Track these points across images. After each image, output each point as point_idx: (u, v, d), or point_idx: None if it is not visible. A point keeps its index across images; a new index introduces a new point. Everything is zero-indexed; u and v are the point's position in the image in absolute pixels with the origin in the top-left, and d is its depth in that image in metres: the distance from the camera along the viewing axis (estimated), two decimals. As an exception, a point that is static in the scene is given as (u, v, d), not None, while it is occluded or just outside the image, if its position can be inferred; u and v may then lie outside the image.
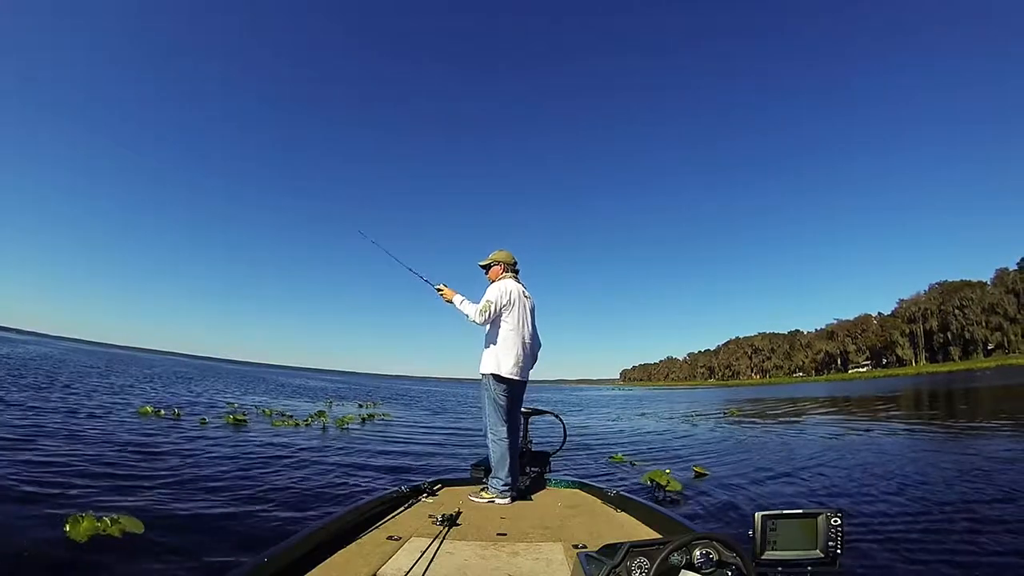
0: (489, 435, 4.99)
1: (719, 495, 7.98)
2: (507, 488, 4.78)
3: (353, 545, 3.37)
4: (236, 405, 20.00)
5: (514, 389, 5.12)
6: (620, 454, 11.62)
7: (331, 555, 3.15)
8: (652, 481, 8.10)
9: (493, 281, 5.29)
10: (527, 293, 5.33)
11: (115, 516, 4.99)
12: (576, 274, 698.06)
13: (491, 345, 5.09)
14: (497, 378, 4.99)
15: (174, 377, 39.46)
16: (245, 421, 14.48)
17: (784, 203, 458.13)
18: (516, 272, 5.42)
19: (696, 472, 9.56)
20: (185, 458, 8.86)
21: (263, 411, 18.59)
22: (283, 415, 17.51)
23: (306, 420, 16.27)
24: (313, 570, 2.93)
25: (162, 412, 14.58)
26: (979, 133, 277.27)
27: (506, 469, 4.81)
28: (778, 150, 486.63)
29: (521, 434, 5.61)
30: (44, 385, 19.02)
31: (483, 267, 5.49)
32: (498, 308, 5.02)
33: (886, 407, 27.80)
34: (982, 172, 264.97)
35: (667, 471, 8.36)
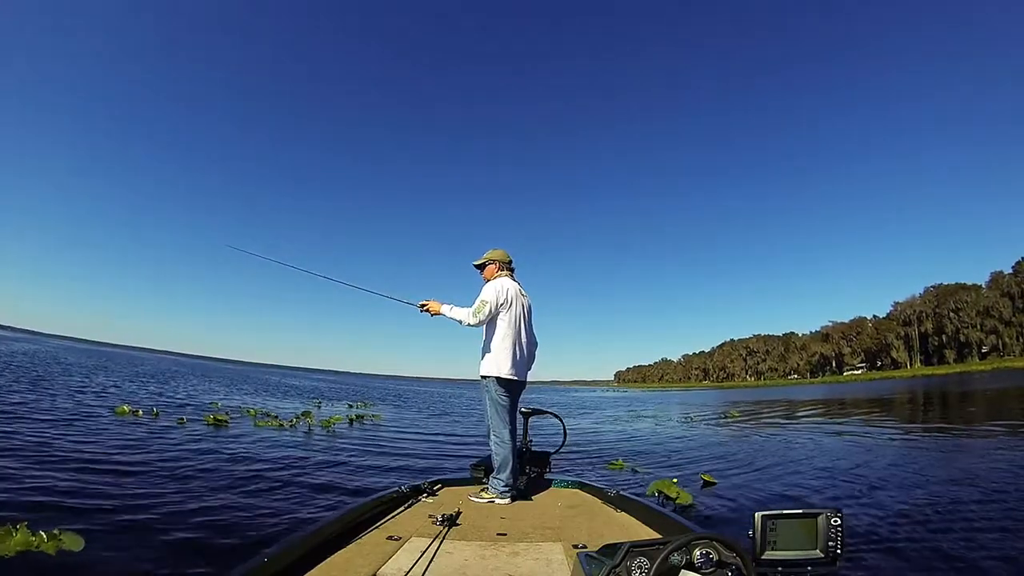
0: (492, 437, 4.99)
1: (733, 506, 7.40)
2: (507, 489, 4.78)
3: (353, 545, 3.37)
4: (220, 404, 19.34)
5: (514, 390, 5.10)
6: (620, 460, 10.99)
7: (331, 555, 3.15)
8: (659, 493, 7.47)
9: (488, 280, 5.22)
10: (524, 292, 5.27)
11: (55, 531, 4.42)
12: (572, 273, 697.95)
13: (490, 347, 5.04)
14: (498, 380, 4.97)
15: (165, 376, 38.77)
16: (226, 422, 13.84)
17: (778, 205, 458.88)
18: (512, 271, 5.35)
19: (704, 480, 8.94)
20: (152, 462, 8.24)
21: (248, 411, 17.93)
22: (268, 415, 16.89)
23: (290, 421, 15.59)
24: (313, 570, 2.92)
25: (139, 412, 13.99)
26: (975, 134, 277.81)
27: (508, 471, 4.81)
28: (774, 151, 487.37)
29: (520, 434, 5.60)
30: (21, 383, 18.36)
31: (477, 266, 5.41)
32: (494, 308, 4.95)
33: (886, 410, 27.37)
34: (978, 174, 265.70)
35: (674, 480, 7.75)
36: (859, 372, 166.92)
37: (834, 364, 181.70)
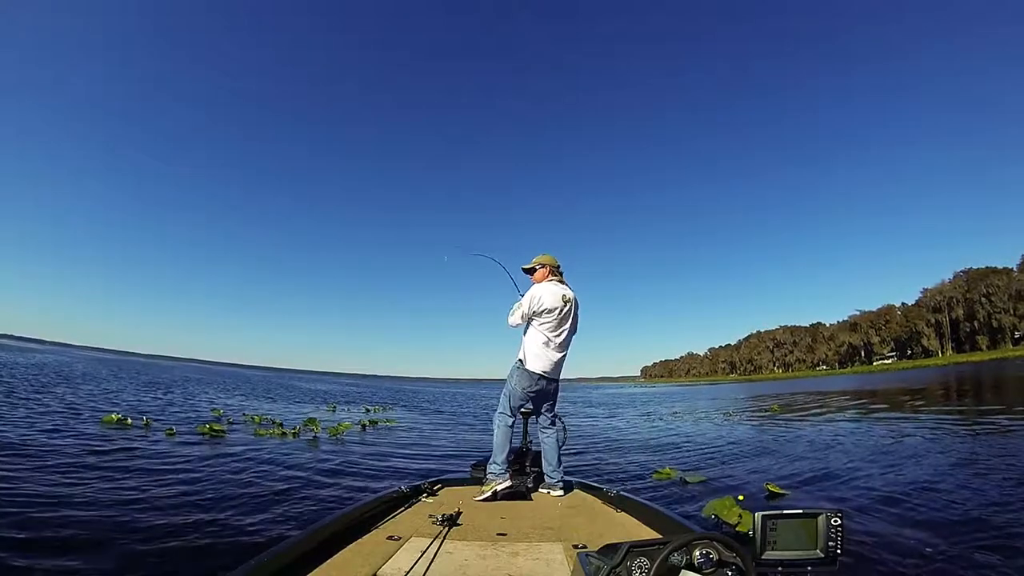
0: (496, 419, 5.30)
1: None
2: (503, 473, 4.96)
3: (353, 545, 3.34)
4: (222, 412, 18.12)
5: (535, 384, 5.21)
6: (668, 468, 9.45)
7: (331, 555, 3.11)
8: (715, 516, 6.01)
9: (537, 283, 5.42)
10: (569, 294, 5.33)
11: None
12: (594, 271, 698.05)
13: (522, 340, 5.35)
14: (521, 366, 5.22)
15: (181, 383, 37.91)
16: (223, 431, 12.54)
17: (801, 192, 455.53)
18: (560, 274, 5.51)
19: (771, 492, 7.45)
20: (106, 483, 6.89)
21: (252, 418, 16.71)
22: (273, 423, 15.61)
23: (294, 430, 14.16)
24: (313, 570, 2.89)
25: (129, 421, 12.76)
26: (1002, 117, 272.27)
27: (504, 455, 5.04)
28: (795, 141, 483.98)
29: (520, 434, 5.76)
30: (24, 392, 17.32)
31: (527, 271, 5.60)
32: (527, 312, 5.21)
33: (928, 400, 25.80)
34: (1005, 156, 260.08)
35: (740, 498, 6.27)
36: (889, 361, 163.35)
37: (863, 354, 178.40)
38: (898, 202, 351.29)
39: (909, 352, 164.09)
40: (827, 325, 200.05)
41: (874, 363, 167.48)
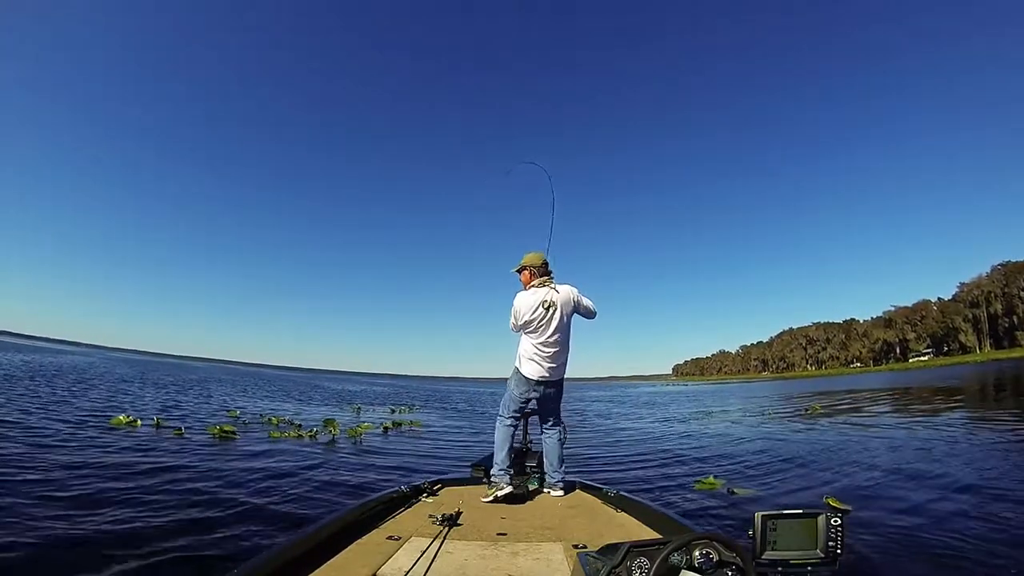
0: (497, 420, 5.32)
1: (893, 555, 4.94)
2: (502, 473, 4.94)
3: (353, 545, 3.32)
4: (238, 413, 17.50)
5: (530, 387, 5.22)
6: (711, 476, 8.53)
7: (331, 555, 3.11)
8: None
9: (525, 284, 5.35)
10: (550, 298, 5.14)
11: None
12: (624, 270, 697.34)
13: (517, 344, 5.35)
14: (517, 372, 5.24)
15: (205, 384, 37.65)
16: (234, 433, 11.95)
17: (835, 189, 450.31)
18: (548, 272, 5.36)
19: (831, 507, 6.43)
20: (104, 485, 6.46)
21: (270, 419, 16.09)
22: (291, 424, 15.07)
23: (311, 431, 13.44)
24: (313, 571, 2.87)
25: (138, 423, 12.23)
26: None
27: (503, 454, 5.05)
28: (830, 135, 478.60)
29: (520, 434, 5.84)
30: (36, 393, 16.99)
31: (517, 272, 5.52)
32: (518, 320, 5.17)
33: (973, 400, 24.74)
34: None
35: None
36: (926, 358, 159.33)
37: (898, 351, 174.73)
38: (934, 195, 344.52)
39: (946, 348, 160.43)
40: (861, 321, 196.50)
41: (910, 360, 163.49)
